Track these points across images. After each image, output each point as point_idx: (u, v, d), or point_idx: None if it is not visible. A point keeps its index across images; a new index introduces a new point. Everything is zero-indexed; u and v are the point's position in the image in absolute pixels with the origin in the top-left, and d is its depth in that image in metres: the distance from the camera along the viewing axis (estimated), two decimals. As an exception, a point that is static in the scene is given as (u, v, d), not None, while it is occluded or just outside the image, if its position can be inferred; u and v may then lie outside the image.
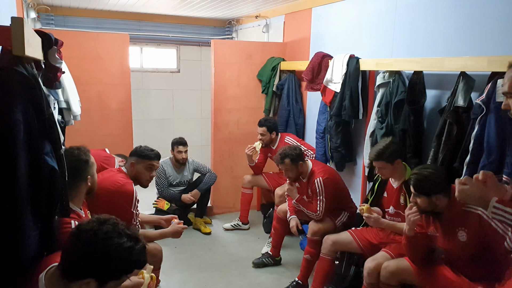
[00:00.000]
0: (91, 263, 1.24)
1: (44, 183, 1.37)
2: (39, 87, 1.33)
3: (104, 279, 1.26)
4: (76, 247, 1.26)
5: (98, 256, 1.24)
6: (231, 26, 5.76)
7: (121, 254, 1.25)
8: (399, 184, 2.56)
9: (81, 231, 1.28)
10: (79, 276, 1.24)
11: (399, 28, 2.95)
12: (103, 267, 1.25)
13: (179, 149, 4.06)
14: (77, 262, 1.25)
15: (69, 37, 3.68)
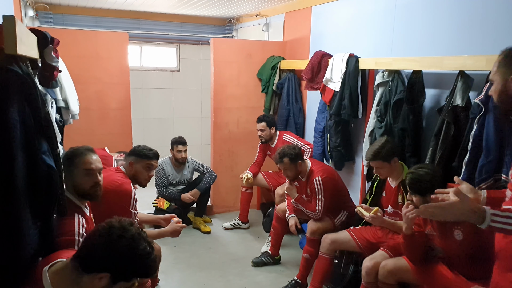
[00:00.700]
0: (113, 258, 1.29)
1: (42, 181, 1.38)
2: (35, 86, 1.33)
3: (117, 277, 1.31)
4: (103, 240, 1.30)
5: (123, 253, 1.30)
6: (231, 25, 5.75)
7: (142, 258, 1.32)
8: (397, 183, 2.55)
9: (111, 227, 1.33)
10: (97, 269, 1.29)
11: (399, 27, 2.94)
12: (122, 265, 1.30)
13: (179, 148, 4.06)
14: (100, 254, 1.29)
15: (67, 36, 3.70)
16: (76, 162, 1.92)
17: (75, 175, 1.90)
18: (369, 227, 2.74)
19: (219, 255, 3.63)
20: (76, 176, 1.90)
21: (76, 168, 1.91)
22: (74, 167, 1.91)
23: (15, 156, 1.22)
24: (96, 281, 1.29)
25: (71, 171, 1.90)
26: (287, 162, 3.04)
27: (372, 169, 2.94)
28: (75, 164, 1.91)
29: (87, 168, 1.93)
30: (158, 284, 2.97)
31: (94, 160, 1.98)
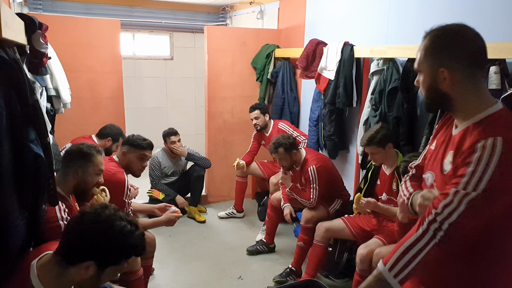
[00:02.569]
0: (92, 245, 1.25)
1: (29, 170, 1.35)
2: (22, 73, 1.29)
3: (104, 263, 1.28)
4: (78, 229, 1.27)
5: (100, 237, 1.26)
6: (225, 13, 5.68)
7: (122, 237, 1.28)
8: (391, 170, 2.55)
9: (84, 214, 1.30)
10: (79, 259, 1.25)
11: (394, 15, 2.91)
12: (104, 249, 1.26)
13: (172, 139, 4.02)
14: (79, 244, 1.26)
15: (57, 23, 3.62)
16: (92, 161, 1.95)
17: (89, 173, 1.93)
18: (363, 215, 2.75)
19: (214, 244, 3.63)
20: (89, 175, 1.94)
21: (91, 166, 1.94)
22: (89, 165, 1.93)
23: (1, 145, 1.18)
24: (82, 271, 1.26)
25: (83, 166, 1.92)
26: (282, 152, 3.03)
27: (366, 158, 2.94)
28: (91, 163, 1.94)
29: (101, 169, 2.00)
30: (153, 273, 2.97)
31: (103, 161, 2.04)
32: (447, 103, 1.16)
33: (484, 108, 1.11)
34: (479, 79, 1.13)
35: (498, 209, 1.05)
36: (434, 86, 1.15)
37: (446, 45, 1.12)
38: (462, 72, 1.10)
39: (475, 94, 1.12)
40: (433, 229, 1.06)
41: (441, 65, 1.11)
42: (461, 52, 1.10)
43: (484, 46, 1.12)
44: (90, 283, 1.30)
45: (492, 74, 1.98)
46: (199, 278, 3.05)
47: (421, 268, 1.09)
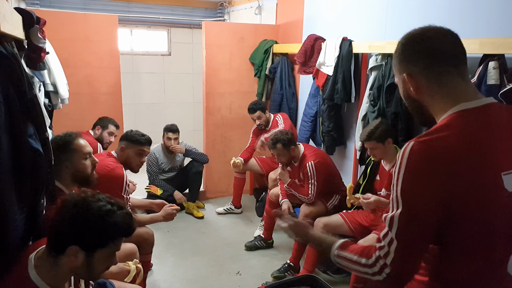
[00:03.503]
0: (72, 228, 1.23)
1: (28, 166, 1.34)
2: (20, 68, 1.28)
3: (90, 246, 1.25)
4: (59, 217, 1.25)
5: (78, 219, 1.23)
6: (223, 8, 5.66)
7: (101, 217, 1.25)
8: (391, 166, 2.56)
9: (64, 201, 1.28)
10: (65, 246, 1.23)
11: (392, 11, 2.91)
12: (84, 231, 1.24)
13: (168, 135, 4.01)
14: (61, 231, 1.24)
15: (55, 18, 3.60)
16: (73, 148, 1.90)
17: (75, 161, 1.89)
18: (361, 211, 2.76)
19: (212, 239, 3.64)
20: (76, 162, 1.89)
21: (75, 153, 1.89)
22: (72, 153, 1.89)
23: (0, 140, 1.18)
24: (71, 258, 1.23)
25: (68, 158, 1.88)
26: (280, 147, 3.03)
27: (365, 154, 2.95)
28: (73, 150, 1.90)
29: (86, 152, 1.94)
30: (151, 269, 2.97)
31: (87, 143, 1.99)
32: (426, 113, 1.09)
33: (444, 112, 1.02)
34: (448, 79, 1.03)
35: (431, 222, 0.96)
36: (406, 95, 1.11)
37: (405, 50, 1.08)
38: (422, 74, 1.04)
39: (442, 97, 1.03)
40: (380, 265, 1.00)
41: (403, 71, 1.07)
42: (416, 54, 1.05)
43: (448, 42, 1.03)
44: (85, 271, 1.28)
45: (491, 70, 1.98)
46: (198, 274, 3.06)
47: None
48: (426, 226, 0.96)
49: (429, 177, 0.93)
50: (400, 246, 0.97)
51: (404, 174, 0.95)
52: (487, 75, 2.00)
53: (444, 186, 0.93)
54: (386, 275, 0.99)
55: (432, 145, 0.95)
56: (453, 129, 0.97)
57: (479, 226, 0.98)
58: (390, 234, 0.98)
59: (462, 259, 1.01)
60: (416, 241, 0.98)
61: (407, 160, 0.95)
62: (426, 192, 0.94)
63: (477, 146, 0.96)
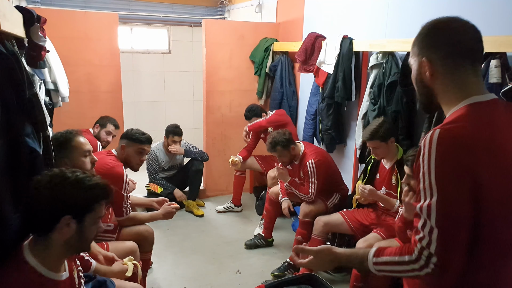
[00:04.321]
0: (59, 199, 1.26)
1: (25, 165, 1.34)
2: (20, 66, 1.28)
3: (78, 212, 1.29)
4: (39, 196, 1.27)
5: (61, 189, 1.27)
6: (223, 6, 5.65)
7: (80, 182, 1.30)
8: (391, 164, 2.56)
9: (37, 181, 1.29)
10: (55, 220, 1.26)
11: (393, 9, 2.90)
12: (70, 198, 1.27)
13: (174, 139, 4.02)
14: (47, 207, 1.26)
15: (56, 16, 3.60)
16: (73, 145, 1.92)
17: (74, 158, 1.90)
18: (362, 210, 2.76)
19: (212, 238, 3.64)
20: (76, 159, 1.91)
21: (74, 150, 1.91)
22: (71, 151, 1.90)
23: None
24: (64, 230, 1.27)
25: (67, 155, 1.89)
26: (280, 149, 3.03)
27: (365, 152, 2.95)
28: (73, 147, 1.91)
29: (86, 149, 1.96)
30: (151, 267, 2.98)
31: (87, 141, 2.01)
32: (433, 99, 1.12)
33: (457, 103, 1.06)
34: (462, 72, 1.06)
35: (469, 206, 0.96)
36: (419, 79, 1.13)
37: (428, 35, 1.10)
38: (440, 63, 1.07)
39: (454, 88, 1.06)
40: (425, 257, 0.98)
41: (423, 56, 1.09)
42: (439, 42, 1.07)
43: (469, 38, 1.06)
44: (77, 239, 1.31)
45: (493, 68, 1.98)
46: (197, 272, 3.06)
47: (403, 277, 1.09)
48: (463, 211, 0.96)
49: (460, 163, 0.95)
50: (441, 233, 0.96)
51: (436, 161, 0.96)
52: (489, 74, 2.00)
53: (472, 172, 0.95)
54: (433, 265, 0.97)
55: (458, 133, 0.97)
56: (471, 119, 1.00)
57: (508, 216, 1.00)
58: (429, 223, 0.98)
59: (494, 259, 1.02)
60: (456, 227, 0.97)
61: (436, 147, 0.96)
62: (459, 178, 0.95)
63: (494, 136, 0.99)
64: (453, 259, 0.98)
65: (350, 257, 1.19)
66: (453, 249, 0.97)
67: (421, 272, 1.00)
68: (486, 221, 0.98)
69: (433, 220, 0.97)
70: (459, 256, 0.98)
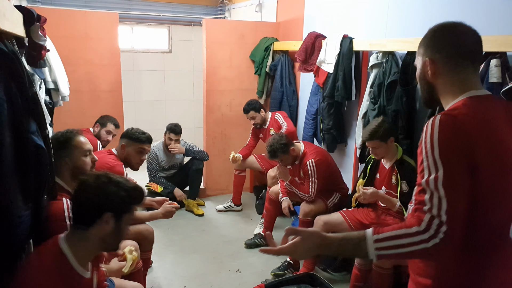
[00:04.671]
0: (104, 197, 1.40)
1: (32, 162, 1.36)
2: (21, 65, 1.29)
3: (118, 211, 1.42)
4: (85, 192, 1.42)
5: (107, 188, 1.41)
6: (224, 6, 5.65)
7: (123, 184, 1.44)
8: (391, 164, 2.56)
9: (82, 180, 1.46)
10: (97, 216, 1.38)
11: (393, 8, 2.90)
12: (114, 198, 1.40)
13: (170, 136, 4.01)
14: (91, 203, 1.40)
15: (56, 16, 3.60)
16: (74, 145, 1.91)
17: (75, 158, 1.90)
18: (362, 209, 2.76)
19: (212, 237, 3.65)
20: (76, 159, 1.90)
21: (75, 150, 1.90)
22: (72, 150, 1.90)
23: (3, 136, 1.18)
24: (104, 226, 1.39)
25: (68, 154, 1.88)
26: (280, 155, 3.03)
27: (365, 151, 2.95)
28: (73, 146, 1.91)
29: (86, 149, 1.95)
30: (151, 266, 2.98)
31: (87, 140, 2.01)
32: (434, 95, 1.22)
33: (456, 97, 1.15)
34: (463, 71, 1.15)
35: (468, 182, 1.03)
36: (423, 77, 1.22)
37: (432, 37, 1.19)
38: (443, 62, 1.16)
39: (453, 85, 1.16)
40: (435, 226, 1.01)
41: (427, 56, 1.19)
42: (442, 43, 1.16)
43: (471, 41, 1.15)
44: (113, 236, 1.43)
45: (493, 68, 1.97)
46: (197, 271, 3.07)
47: (406, 258, 1.08)
48: (466, 183, 1.03)
49: (459, 142, 1.03)
50: (450, 202, 1.01)
51: (439, 140, 1.04)
52: (489, 73, 2.00)
53: (469, 152, 1.03)
54: (443, 234, 1.01)
55: (458, 117, 1.06)
56: (469, 108, 1.09)
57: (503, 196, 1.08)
58: (436, 194, 1.03)
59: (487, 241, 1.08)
60: (461, 197, 1.03)
61: (439, 128, 1.05)
62: (460, 154, 1.03)
63: (490, 124, 1.09)
64: (458, 227, 1.02)
65: (342, 240, 1.13)
66: (459, 218, 1.03)
67: (428, 243, 1.01)
68: (479, 199, 1.05)
69: (441, 191, 1.02)
70: (461, 227, 1.03)
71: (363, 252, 1.09)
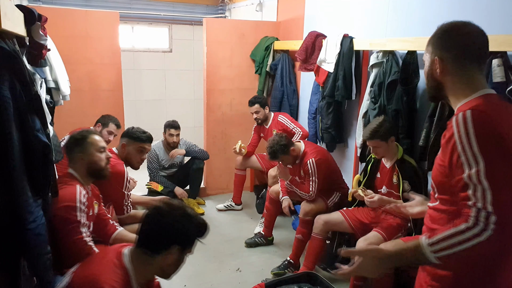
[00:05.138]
0: (175, 230, 1.44)
1: (39, 159, 1.39)
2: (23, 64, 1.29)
3: (185, 244, 1.46)
4: (159, 221, 1.45)
5: (180, 222, 1.44)
6: (224, 5, 5.65)
7: (194, 219, 1.48)
8: (392, 163, 2.56)
9: (158, 208, 1.48)
10: (165, 246, 1.42)
11: (393, 8, 2.90)
12: (184, 232, 1.45)
13: (171, 132, 4.02)
14: (163, 233, 1.43)
15: (57, 15, 3.61)
16: (89, 142, 2.03)
17: (90, 154, 2.01)
18: (362, 208, 2.77)
19: (212, 236, 3.64)
20: (92, 155, 2.01)
21: (90, 146, 2.02)
22: (87, 146, 2.01)
23: (10, 134, 1.20)
24: (169, 256, 1.43)
25: (83, 150, 2.00)
26: (281, 156, 3.03)
27: (366, 151, 2.95)
28: (89, 143, 2.02)
29: (101, 146, 2.06)
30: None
31: (101, 138, 2.12)
32: (442, 92, 1.25)
33: (469, 95, 1.18)
34: (470, 71, 1.19)
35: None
36: (431, 74, 1.26)
37: (442, 37, 1.22)
38: (451, 62, 1.20)
39: (462, 83, 1.20)
40: (483, 218, 1.03)
41: (436, 55, 1.23)
42: (451, 45, 1.20)
43: (479, 42, 1.19)
44: (174, 267, 1.48)
45: (495, 67, 1.97)
46: (197, 270, 3.07)
47: (463, 255, 1.08)
48: (507, 174, 1.06)
49: (495, 131, 1.07)
50: (495, 192, 1.03)
51: (475, 133, 1.06)
52: (492, 73, 1.99)
53: (506, 143, 1.07)
54: (493, 225, 1.02)
55: (486, 112, 1.09)
56: (492, 104, 1.13)
57: None
58: (480, 187, 1.05)
59: None
60: (506, 185, 1.05)
61: (472, 122, 1.07)
62: (497, 143, 1.06)
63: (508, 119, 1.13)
64: (509, 215, 1.04)
65: (400, 251, 1.15)
66: (507, 206, 1.04)
67: (481, 236, 1.03)
68: None
69: (485, 183, 1.04)
70: (511, 211, 1.05)
71: (423, 258, 1.10)
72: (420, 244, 1.11)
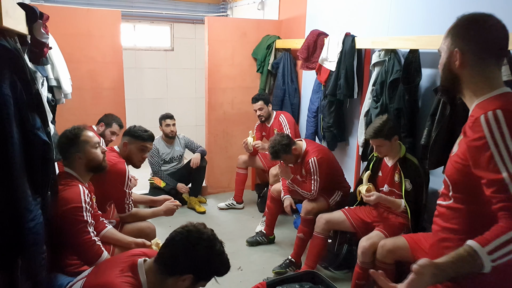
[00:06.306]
0: (195, 260, 1.40)
1: (39, 158, 1.39)
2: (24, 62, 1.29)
3: (200, 277, 1.43)
4: (183, 245, 1.41)
5: (202, 255, 1.40)
6: (226, 3, 5.64)
7: (218, 257, 1.44)
8: (393, 162, 2.55)
9: (188, 231, 1.44)
10: (180, 272, 1.39)
11: (395, 6, 2.89)
12: (203, 266, 1.41)
13: (167, 122, 4.06)
14: (182, 258, 1.40)
15: (58, 13, 3.61)
16: (83, 140, 2.02)
17: (86, 151, 2.01)
18: (364, 207, 2.76)
19: (214, 235, 3.65)
20: (88, 152, 2.02)
21: (85, 144, 2.02)
22: (82, 144, 2.01)
23: (11, 133, 1.20)
24: (180, 282, 1.40)
25: (79, 149, 2.00)
26: (283, 156, 3.03)
27: (367, 149, 2.94)
28: (83, 141, 2.02)
29: (95, 141, 2.06)
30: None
31: (94, 134, 2.11)
32: (457, 85, 1.22)
33: (489, 91, 1.16)
34: (489, 66, 1.17)
35: None
36: (448, 66, 1.22)
37: (464, 29, 1.20)
38: (471, 56, 1.17)
39: (481, 78, 1.17)
40: None
41: (456, 46, 1.19)
42: (473, 37, 1.17)
43: (501, 37, 1.17)
44: None
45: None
46: (200, 268, 3.07)
47: None
48: None
49: None
50: None
51: (511, 133, 1.05)
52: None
53: None
54: None
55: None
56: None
57: None
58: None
59: None
60: None
61: (506, 122, 1.05)
62: None
63: None
64: None
65: (455, 261, 1.08)
66: None
67: None
68: None
69: None
70: None
71: (480, 266, 1.05)
72: (474, 252, 1.05)
